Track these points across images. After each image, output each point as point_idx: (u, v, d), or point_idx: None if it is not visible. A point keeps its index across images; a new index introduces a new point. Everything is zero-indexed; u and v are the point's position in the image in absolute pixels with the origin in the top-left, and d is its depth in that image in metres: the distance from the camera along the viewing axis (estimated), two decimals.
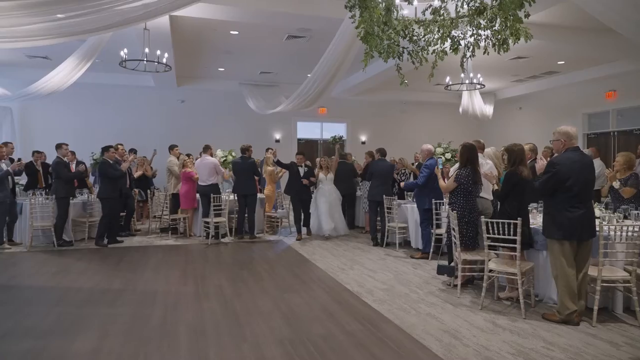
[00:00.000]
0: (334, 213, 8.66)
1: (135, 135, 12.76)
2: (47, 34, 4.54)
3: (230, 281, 5.44)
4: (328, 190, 8.71)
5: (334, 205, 8.70)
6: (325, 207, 8.56)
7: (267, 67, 12.19)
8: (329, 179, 8.81)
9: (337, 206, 8.77)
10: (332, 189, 8.79)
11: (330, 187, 8.78)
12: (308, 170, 8.70)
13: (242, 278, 5.60)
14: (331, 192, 8.73)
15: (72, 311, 4.32)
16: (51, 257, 7.00)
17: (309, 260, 6.74)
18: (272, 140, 14.76)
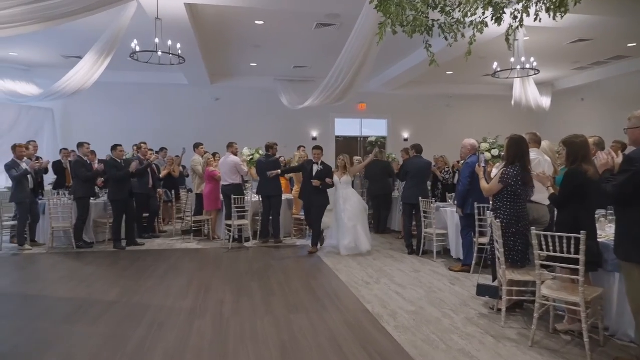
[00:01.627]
0: (353, 225, 7.07)
1: (170, 134, 12.59)
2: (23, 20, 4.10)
3: (235, 295, 4.80)
4: (345, 196, 7.19)
5: (354, 215, 7.06)
6: (342, 217, 7.08)
7: (300, 61, 11.54)
8: (344, 182, 7.26)
9: (357, 217, 7.10)
10: (350, 194, 7.25)
11: (347, 192, 7.24)
12: (321, 170, 7.21)
13: (249, 291, 4.95)
14: (349, 198, 7.17)
15: (48, 328, 3.83)
16: (64, 261, 6.70)
17: (332, 269, 5.99)
18: (308, 138, 14.12)
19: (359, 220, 7.11)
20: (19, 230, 7.42)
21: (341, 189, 7.24)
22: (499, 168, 4.46)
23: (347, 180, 7.33)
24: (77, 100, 13.01)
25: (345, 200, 7.14)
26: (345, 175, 7.32)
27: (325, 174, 7.22)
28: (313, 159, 7.33)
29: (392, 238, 8.46)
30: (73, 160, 7.63)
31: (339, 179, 7.24)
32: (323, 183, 7.14)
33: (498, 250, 3.91)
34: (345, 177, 7.31)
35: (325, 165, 7.32)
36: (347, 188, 7.31)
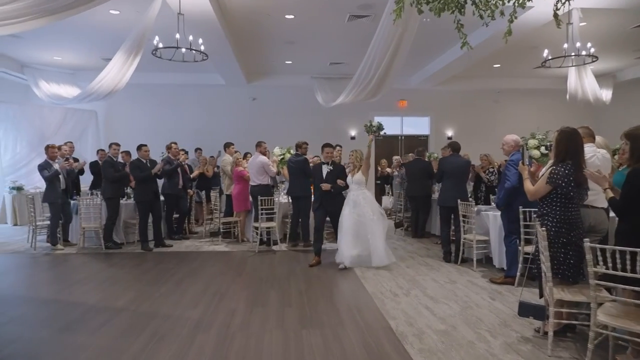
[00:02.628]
0: (363, 234, 5.98)
1: (208, 135, 12.58)
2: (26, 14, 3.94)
3: (249, 304, 4.45)
4: (355, 198, 6.12)
5: (363, 222, 5.99)
6: (347, 223, 6.03)
7: (336, 57, 11.11)
8: (356, 182, 6.21)
9: (368, 224, 5.99)
10: (361, 198, 6.15)
11: (357, 194, 6.16)
12: (331, 171, 6.31)
13: (265, 301, 4.58)
14: (359, 202, 6.09)
15: (45, 337, 3.63)
16: (89, 262, 6.65)
17: (359, 277, 5.52)
18: (347, 137, 13.67)
19: (371, 229, 6.00)
20: (52, 230, 7.49)
21: (352, 190, 6.24)
22: (548, 167, 3.83)
23: (359, 180, 6.24)
24: (119, 102, 13.33)
25: (355, 204, 6.11)
26: (358, 174, 6.25)
27: (336, 174, 6.33)
28: (324, 159, 6.53)
29: (430, 243, 7.84)
30: (103, 160, 7.62)
31: (351, 178, 6.29)
32: (335, 186, 6.24)
33: (544, 263, 3.31)
34: (358, 176, 6.23)
35: (336, 164, 6.51)
36: (358, 189, 6.23)
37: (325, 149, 6.54)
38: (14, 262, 6.73)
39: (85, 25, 8.60)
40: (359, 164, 6.28)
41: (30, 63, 11.74)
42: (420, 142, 12.69)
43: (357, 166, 6.28)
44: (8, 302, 4.61)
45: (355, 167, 6.31)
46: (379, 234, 6.05)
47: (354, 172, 6.29)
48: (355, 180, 6.24)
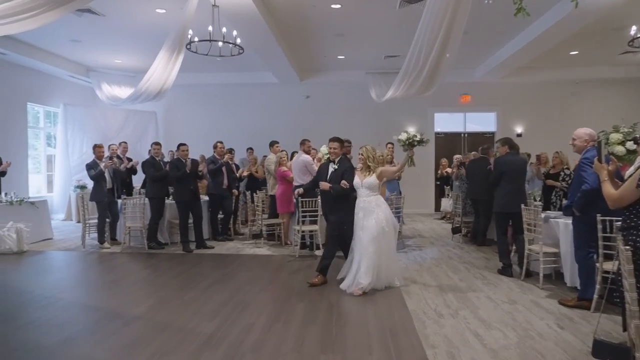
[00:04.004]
0: (373, 249, 4.76)
1: (262, 134, 12.37)
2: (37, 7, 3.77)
3: (269, 319, 3.99)
4: (366, 206, 4.90)
5: (375, 236, 4.77)
6: (359, 235, 4.90)
7: (391, 49, 10.42)
8: (366, 187, 4.94)
9: (381, 239, 4.80)
10: (373, 205, 4.88)
11: (369, 200, 4.92)
12: (336, 170, 5.24)
13: (288, 316, 4.10)
14: (371, 211, 4.85)
15: (48, 347, 3.41)
16: (128, 262, 6.60)
17: (402, 290, 4.89)
18: None
19: (385, 243, 4.84)
20: (99, 229, 7.57)
21: (361, 196, 5.00)
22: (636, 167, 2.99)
23: (370, 184, 4.94)
24: (177, 103, 13.60)
25: (366, 213, 4.87)
26: (370, 176, 4.97)
27: (339, 175, 5.14)
28: (330, 156, 5.43)
29: (491, 252, 6.96)
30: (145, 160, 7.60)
31: (360, 180, 4.99)
32: (334, 186, 5.08)
33: (628, 292, 2.52)
34: (370, 179, 4.94)
35: (343, 162, 5.31)
36: (369, 195, 4.95)
37: (330, 144, 5.37)
38: (60, 260, 6.84)
39: (134, 26, 8.67)
40: (374, 164, 5.00)
41: (95, 67, 12.25)
42: (485, 140, 11.60)
43: (367, 167, 5.02)
44: (32, 303, 4.54)
45: (365, 167, 5.05)
46: (390, 251, 4.98)
47: (364, 173, 5.02)
48: (366, 184, 4.95)
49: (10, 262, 6.54)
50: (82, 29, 9.00)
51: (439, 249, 7.33)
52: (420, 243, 7.95)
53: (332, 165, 5.34)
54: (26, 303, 4.54)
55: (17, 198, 7.86)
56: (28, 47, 10.05)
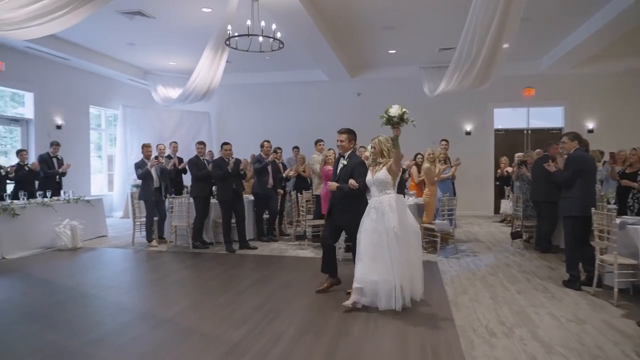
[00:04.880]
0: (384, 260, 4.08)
1: (313, 132, 12.16)
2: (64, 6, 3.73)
3: (300, 329, 3.70)
4: (378, 206, 4.21)
5: (385, 244, 4.09)
6: (364, 245, 4.18)
7: (445, 41, 9.78)
8: (378, 183, 4.26)
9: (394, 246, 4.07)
10: (386, 205, 4.17)
11: (381, 200, 4.23)
12: (345, 167, 4.62)
13: (322, 326, 3.79)
14: (383, 209, 4.16)
15: (73, 349, 3.34)
16: (172, 261, 6.60)
17: (449, 301, 4.43)
18: (461, 132, 12.20)
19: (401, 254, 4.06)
20: (146, 227, 7.69)
21: (373, 195, 4.34)
22: None
23: (382, 180, 4.23)
24: (229, 102, 13.77)
25: (379, 213, 4.17)
26: (381, 171, 4.27)
27: (349, 171, 4.53)
28: (341, 151, 4.77)
29: (556, 260, 6.26)
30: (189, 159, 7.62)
31: (371, 177, 4.35)
32: (342, 185, 4.46)
33: None
34: (381, 174, 4.25)
35: (353, 157, 4.67)
36: (381, 193, 4.25)
37: (338, 136, 4.72)
38: (109, 257, 6.98)
39: (183, 27, 8.75)
40: (386, 159, 4.31)
41: (152, 70, 12.64)
42: (551, 136, 10.63)
43: (379, 160, 4.35)
44: (71, 301, 4.57)
45: (376, 161, 4.38)
46: (412, 260, 4.21)
47: (375, 168, 4.35)
48: (376, 181, 4.26)
49: (64, 258, 6.77)
50: (135, 32, 9.23)
51: (496, 256, 6.71)
52: (475, 248, 7.35)
53: (342, 161, 4.72)
54: (66, 301, 4.57)
55: (74, 196, 8.18)
56: (89, 52, 10.50)
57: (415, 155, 8.02)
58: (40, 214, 7.34)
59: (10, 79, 9.38)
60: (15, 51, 9.34)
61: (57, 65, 10.37)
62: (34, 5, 3.64)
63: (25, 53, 9.54)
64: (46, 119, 10.22)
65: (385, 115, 4.20)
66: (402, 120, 4.17)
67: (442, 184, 7.50)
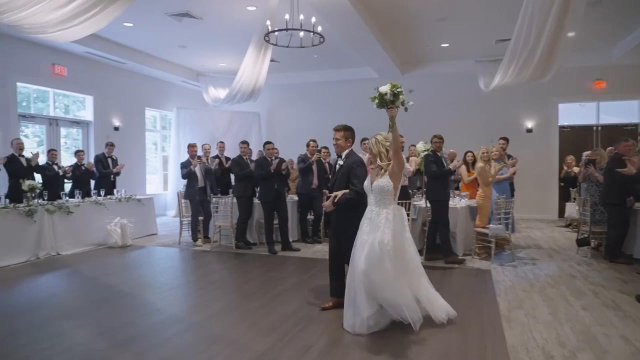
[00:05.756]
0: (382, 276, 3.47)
1: (362, 130, 11.88)
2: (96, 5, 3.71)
3: (331, 342, 3.43)
4: (373, 217, 3.63)
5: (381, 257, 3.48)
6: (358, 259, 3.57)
7: (503, 32, 9.09)
8: (377, 190, 3.65)
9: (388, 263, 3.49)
10: (382, 218, 3.58)
11: (377, 210, 3.64)
12: (341, 168, 4.09)
13: (353, 340, 3.49)
14: (378, 224, 3.56)
15: (99, 351, 3.29)
16: (213, 261, 6.56)
17: (503, 316, 3.97)
18: (521, 129, 11.38)
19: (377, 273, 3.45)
20: (191, 227, 7.75)
21: (370, 203, 3.73)
22: None
23: (382, 188, 3.61)
24: (279, 102, 13.78)
25: (373, 225, 3.58)
26: (383, 178, 3.65)
27: (345, 173, 3.97)
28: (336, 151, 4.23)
29: (630, 272, 5.54)
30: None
31: (370, 183, 3.73)
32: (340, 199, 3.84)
33: None
34: (382, 181, 3.64)
35: (350, 157, 4.07)
36: (379, 203, 3.64)
37: (334, 134, 4.16)
38: (155, 255, 7.08)
39: (229, 26, 8.76)
40: (385, 162, 3.69)
41: (204, 71, 12.89)
42: (624, 133, 9.61)
43: (379, 163, 3.74)
44: (108, 300, 4.60)
45: (375, 163, 3.78)
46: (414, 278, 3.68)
47: (376, 173, 3.74)
48: (376, 188, 3.64)
49: (112, 255, 6.95)
50: (185, 35, 9.39)
51: (559, 265, 6.07)
52: (535, 255, 6.72)
53: (338, 162, 4.14)
54: (104, 299, 4.61)
55: (125, 195, 8.42)
56: (144, 56, 10.85)
57: (465, 154, 7.51)
58: (93, 212, 7.60)
59: (72, 83, 9.88)
60: (77, 57, 9.81)
61: (114, 70, 10.80)
62: (69, 6, 3.68)
63: (85, 58, 10.00)
64: (105, 121, 10.68)
65: (376, 96, 3.66)
66: (396, 97, 3.59)
67: (498, 185, 6.93)
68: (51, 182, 7.72)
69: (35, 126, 9.47)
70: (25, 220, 6.47)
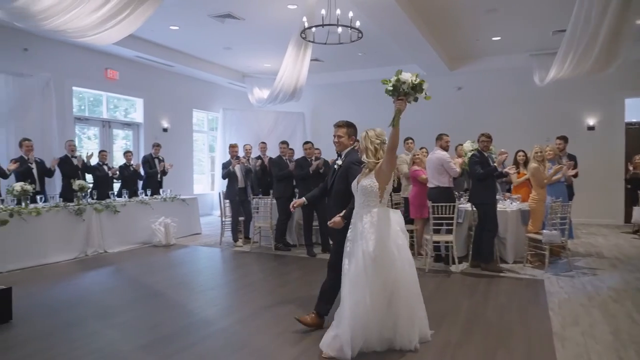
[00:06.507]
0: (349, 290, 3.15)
1: (408, 130, 11.52)
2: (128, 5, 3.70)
3: (361, 356, 3.22)
4: (355, 220, 3.29)
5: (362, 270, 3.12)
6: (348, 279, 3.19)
7: (561, 22, 8.43)
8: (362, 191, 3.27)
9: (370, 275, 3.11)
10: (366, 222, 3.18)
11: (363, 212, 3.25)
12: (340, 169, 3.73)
13: (383, 356, 3.26)
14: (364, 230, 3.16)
15: (124, 354, 3.27)
16: (251, 262, 6.52)
17: (555, 334, 3.58)
18: (582, 127, 10.56)
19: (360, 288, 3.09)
20: (232, 227, 7.78)
21: (356, 205, 3.33)
22: None
23: (365, 188, 3.23)
24: (323, 102, 13.68)
25: (357, 231, 3.21)
26: (368, 177, 3.27)
27: (344, 174, 3.63)
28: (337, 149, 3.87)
29: None
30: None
31: (356, 183, 3.34)
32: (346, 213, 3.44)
33: None
34: (366, 181, 3.25)
35: (349, 156, 3.71)
36: (362, 205, 3.25)
37: (335, 130, 3.81)
38: (195, 255, 7.15)
39: (271, 26, 8.72)
40: (372, 160, 3.29)
41: (249, 72, 13.02)
42: None
43: (363, 159, 3.39)
44: (141, 300, 4.64)
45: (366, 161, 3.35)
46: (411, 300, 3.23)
47: (365, 171, 3.35)
48: (360, 188, 3.26)
49: (155, 254, 7.09)
50: (229, 36, 9.47)
51: (623, 276, 5.49)
52: (596, 265, 6.13)
53: (337, 162, 3.80)
54: (139, 299, 4.66)
55: (170, 195, 8.60)
56: (191, 58, 11.09)
57: (515, 153, 7.01)
58: (139, 212, 7.80)
59: (124, 87, 10.26)
60: (128, 61, 10.18)
61: (163, 72, 11.12)
62: (103, 9, 3.73)
63: (135, 62, 10.35)
64: (154, 123, 11.01)
65: (391, 80, 3.19)
66: (415, 91, 3.16)
67: (552, 187, 6.40)
68: (101, 182, 8.02)
69: (91, 128, 9.92)
70: (74, 219, 6.73)
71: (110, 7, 3.80)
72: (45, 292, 4.90)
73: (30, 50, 8.17)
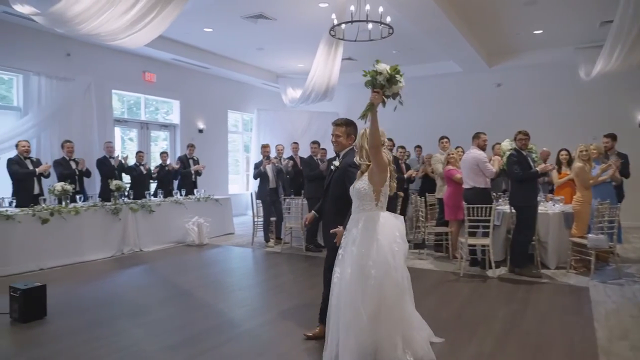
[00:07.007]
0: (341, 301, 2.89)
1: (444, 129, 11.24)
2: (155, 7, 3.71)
3: None
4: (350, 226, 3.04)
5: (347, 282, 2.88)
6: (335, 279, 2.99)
7: (609, 12, 7.90)
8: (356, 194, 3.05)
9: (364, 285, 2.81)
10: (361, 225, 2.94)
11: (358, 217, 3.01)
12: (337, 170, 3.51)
13: None
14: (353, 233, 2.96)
15: (145, 355, 3.27)
16: (281, 263, 6.50)
17: (600, 347, 3.31)
18: (632, 123, 9.93)
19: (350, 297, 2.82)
20: (263, 227, 7.78)
21: (353, 210, 3.10)
22: None
23: (359, 191, 3.02)
24: (357, 102, 13.31)
25: (350, 237, 2.97)
26: (361, 179, 3.07)
27: (340, 176, 3.39)
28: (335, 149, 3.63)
29: None
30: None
31: (353, 186, 3.14)
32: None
33: None
34: (360, 183, 3.05)
35: (347, 157, 3.43)
36: (359, 208, 3.03)
37: (333, 129, 3.53)
38: (227, 255, 7.19)
39: (303, 25, 8.66)
40: (363, 160, 3.09)
41: (283, 73, 13.05)
42: None
43: (356, 159, 3.18)
44: (171, 299, 4.68)
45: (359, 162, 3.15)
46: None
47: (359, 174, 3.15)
48: (356, 192, 3.05)
49: (187, 253, 7.19)
50: (262, 37, 9.49)
51: None
52: None
53: (334, 163, 3.59)
54: (167, 299, 4.70)
55: (204, 195, 8.71)
56: (225, 60, 11.21)
57: (558, 152, 6.63)
58: (174, 211, 7.94)
59: (161, 89, 10.50)
60: (164, 64, 10.41)
61: (198, 74, 11.31)
62: (132, 11, 3.77)
63: (172, 65, 10.57)
64: (190, 124, 11.22)
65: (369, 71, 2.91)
66: (390, 83, 2.90)
67: (598, 189, 6.00)
68: (138, 182, 8.22)
69: (131, 130, 10.22)
70: (111, 218, 6.92)
71: (137, 9, 3.86)
72: (81, 290, 5.04)
73: (72, 55, 8.48)
